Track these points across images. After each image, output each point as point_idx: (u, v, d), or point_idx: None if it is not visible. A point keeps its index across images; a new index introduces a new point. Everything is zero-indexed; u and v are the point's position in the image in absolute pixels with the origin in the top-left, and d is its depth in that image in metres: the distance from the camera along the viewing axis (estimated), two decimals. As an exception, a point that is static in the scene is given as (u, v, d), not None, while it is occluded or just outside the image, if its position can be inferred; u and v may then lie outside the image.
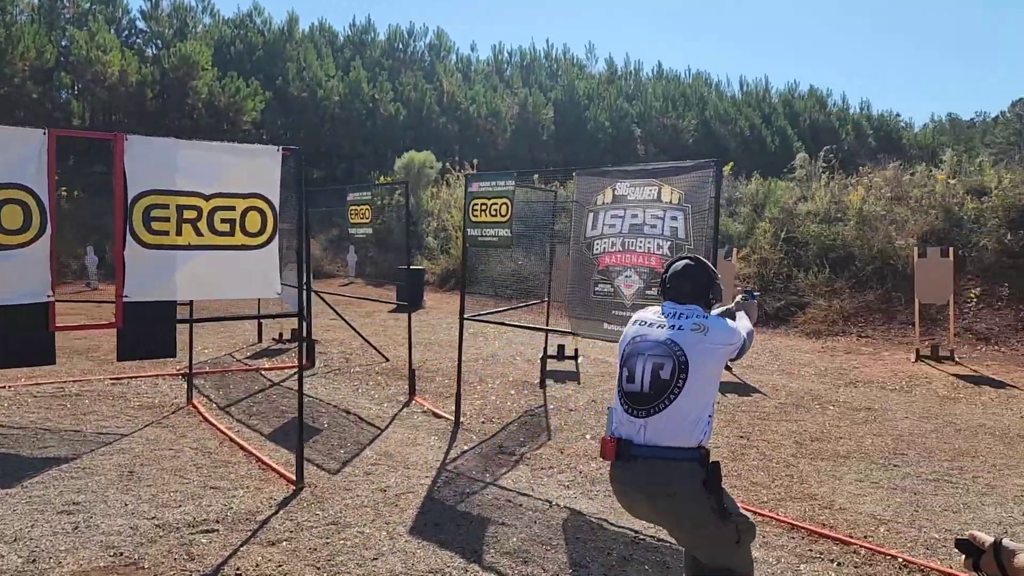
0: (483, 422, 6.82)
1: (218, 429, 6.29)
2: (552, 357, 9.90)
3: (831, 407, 7.58)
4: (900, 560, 4.00)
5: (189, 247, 4.41)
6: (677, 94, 40.57)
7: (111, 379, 8.16)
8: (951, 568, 3.92)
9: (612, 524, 4.48)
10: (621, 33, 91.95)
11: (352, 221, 8.28)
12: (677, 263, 3.09)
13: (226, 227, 4.53)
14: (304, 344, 9.69)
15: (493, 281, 12.48)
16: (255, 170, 4.61)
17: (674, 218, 4.92)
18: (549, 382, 8.52)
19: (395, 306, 16.53)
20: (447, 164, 26.17)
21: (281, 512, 4.53)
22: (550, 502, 4.84)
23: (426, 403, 7.43)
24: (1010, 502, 4.94)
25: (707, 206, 4.81)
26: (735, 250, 10.01)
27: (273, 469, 5.32)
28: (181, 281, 4.41)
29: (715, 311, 3.09)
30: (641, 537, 4.29)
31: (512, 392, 8.07)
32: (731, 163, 18.53)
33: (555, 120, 35.70)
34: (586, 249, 5.45)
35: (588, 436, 6.38)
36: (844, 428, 6.76)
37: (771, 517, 4.59)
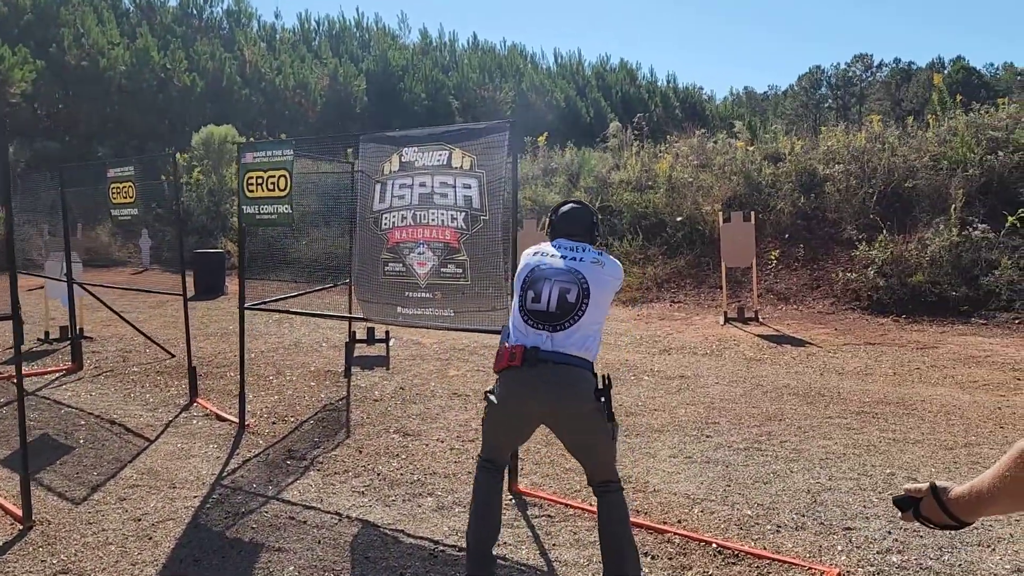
0: (273, 422, 6.06)
1: (-63, 458, 5.16)
2: (360, 342, 9.21)
3: (646, 377, 7.44)
4: (714, 546, 3.73)
5: None
6: (493, 66, 40.41)
7: None
8: (764, 550, 3.70)
9: (408, 536, 3.94)
10: (434, 3, 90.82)
11: (114, 201, 7.14)
12: (565, 205, 3.59)
13: None
14: (71, 343, 8.44)
15: (292, 264, 11.55)
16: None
17: (467, 186, 4.39)
18: (355, 370, 7.85)
19: (193, 294, 15.22)
20: (252, 139, 24.47)
21: (-6, 564, 3.62)
22: (340, 515, 4.22)
23: (209, 405, 6.55)
24: (816, 466, 4.87)
25: (503, 173, 4.31)
26: (541, 220, 9.73)
27: (-2, 505, 4.34)
28: None
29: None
30: (440, 549, 3.77)
31: (312, 384, 7.34)
32: (545, 133, 18.42)
33: (368, 92, 34.44)
34: (373, 225, 4.82)
35: (392, 430, 5.80)
36: (659, 399, 6.60)
37: (581, 509, 4.22)
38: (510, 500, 4.37)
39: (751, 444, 5.33)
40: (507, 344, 3.21)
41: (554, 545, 3.80)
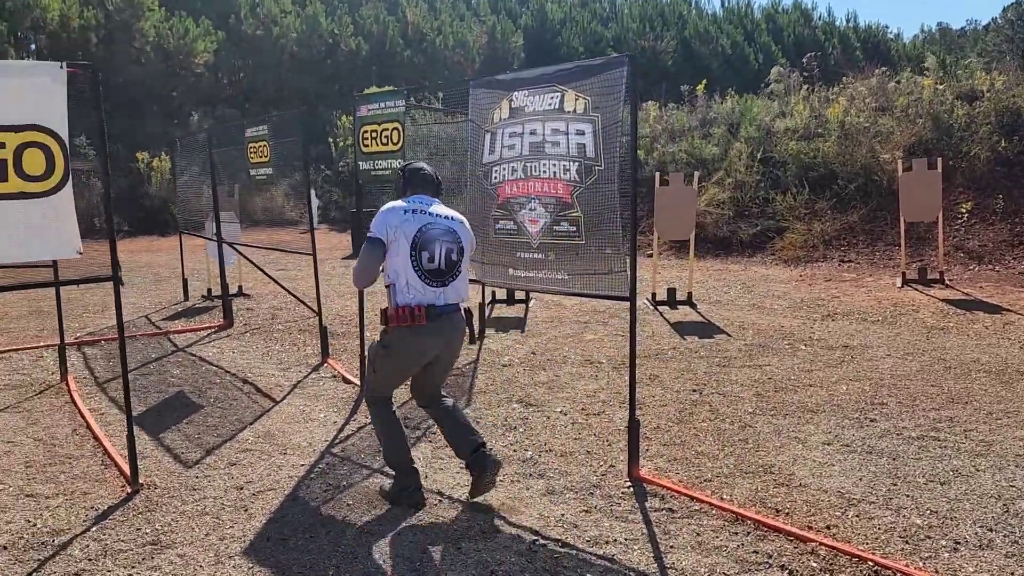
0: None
1: (79, 413, 5.34)
2: (500, 302, 8.95)
3: (802, 347, 6.64)
4: (871, 564, 3.07)
5: (-60, 199, 3.37)
6: (655, 14, 38.69)
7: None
8: (936, 571, 3.00)
9: (509, 524, 3.55)
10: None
11: (251, 160, 7.17)
12: (413, 163, 4.00)
13: (-7, 171, 3.47)
14: (222, 302, 8.72)
15: None
16: (29, 95, 3.52)
17: (580, 132, 3.87)
18: (490, 332, 7.56)
19: (351, 253, 15.62)
20: (414, 99, 24.76)
21: (94, 529, 3.59)
22: (442, 494, 3.91)
23: (338, 366, 6.46)
24: (1011, 465, 4.02)
25: (620, 116, 3.75)
26: (695, 174, 8.95)
27: (116, 465, 4.37)
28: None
29: None
30: (540, 543, 3.36)
31: (444, 347, 7.11)
32: (704, 81, 17.27)
33: (526, 48, 33.97)
34: (483, 179, 4.40)
35: (514, 399, 5.44)
36: (815, 373, 5.83)
37: (711, 504, 3.66)
38: (628, 487, 3.89)
39: (926, 432, 4.52)
40: (402, 304, 3.61)
41: (672, 548, 3.28)
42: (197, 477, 4.20)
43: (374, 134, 5.16)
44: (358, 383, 5.84)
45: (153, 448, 4.66)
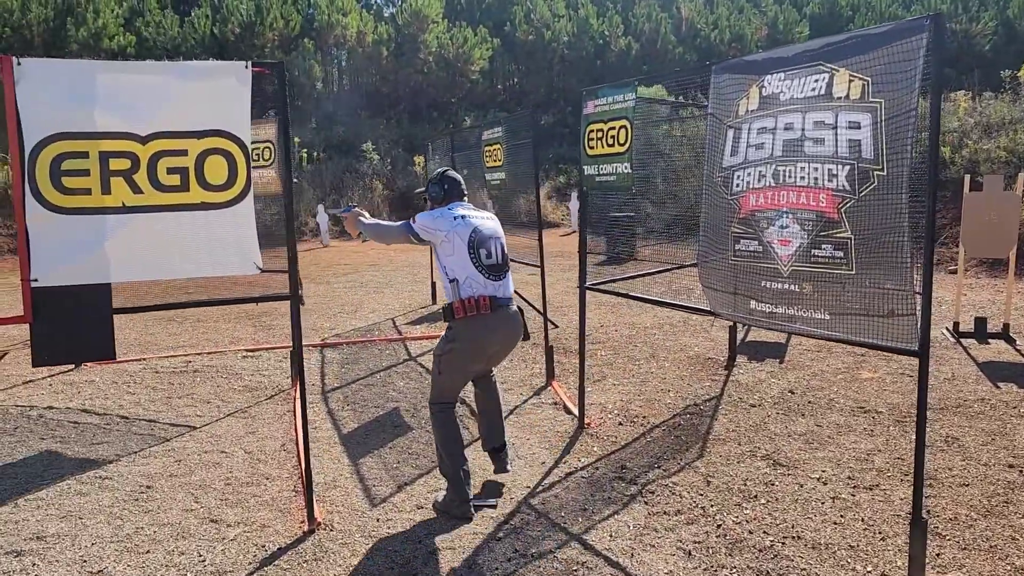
0: (620, 423, 5.11)
1: (294, 425, 5.23)
2: (757, 324, 7.81)
3: None
4: None
5: (123, 209, 3.21)
6: (970, -7, 33.85)
7: (246, 351, 7.50)
8: None
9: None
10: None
11: (486, 165, 6.79)
12: (448, 171, 4.22)
13: (175, 179, 3.26)
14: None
15: (647, 233, 10.39)
16: (214, 97, 3.28)
17: (853, 125, 2.86)
18: (742, 360, 6.54)
19: (603, 260, 15.08)
20: (680, 98, 23.70)
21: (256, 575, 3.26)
22: (648, 585, 3.11)
23: (561, 392, 5.85)
24: None
25: (914, 102, 2.69)
26: (1020, 176, 7.12)
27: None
28: (115, 256, 3.22)
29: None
30: None
31: (684, 374, 6.23)
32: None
33: (811, 38, 31.31)
34: (722, 186, 3.51)
35: (759, 454, 4.46)
36: None
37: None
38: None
39: None
40: (468, 296, 3.81)
41: None
42: (378, 520, 3.76)
43: (599, 134, 4.46)
44: (576, 413, 5.17)
45: (348, 475, 4.35)
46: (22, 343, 7.81)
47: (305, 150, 24.35)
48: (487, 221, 4.01)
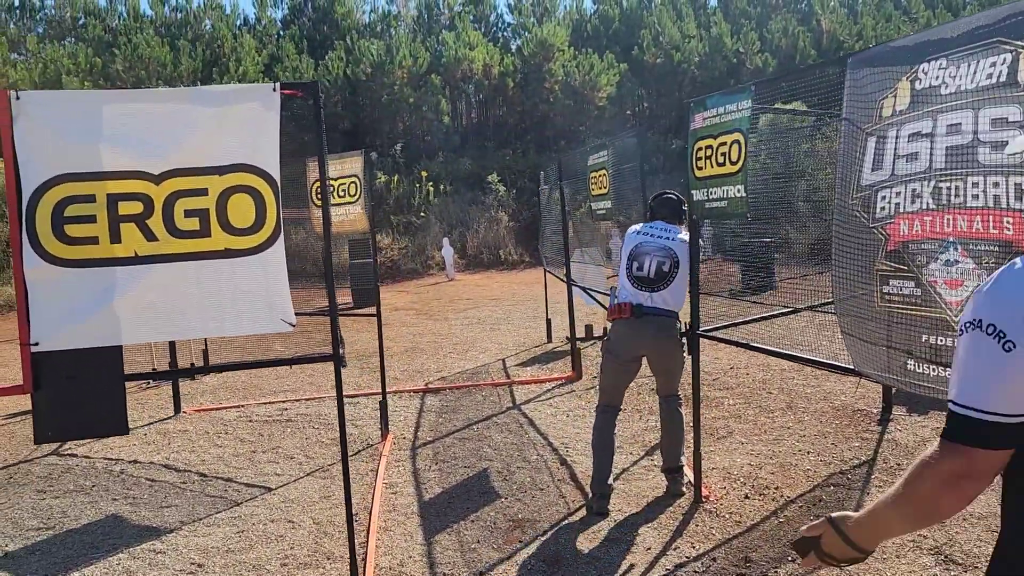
0: (746, 495, 4.27)
1: (372, 489, 4.72)
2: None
3: None
4: None
5: (135, 260, 2.79)
6: None
7: (345, 396, 7.13)
8: None
9: None
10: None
11: (592, 192, 6.13)
12: (663, 195, 4.62)
13: (194, 223, 2.83)
14: (572, 350, 7.84)
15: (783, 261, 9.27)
16: (237, 126, 2.83)
17: (1053, 120, 2.03)
18: (899, 412, 5.52)
19: (739, 288, 13.98)
20: (819, 117, 22.14)
21: None
22: None
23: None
24: None
25: None
26: None
27: (366, 578, 3.54)
28: (126, 315, 2.81)
29: None
30: None
31: (829, 429, 5.29)
32: None
33: (970, 42, 28.77)
34: (862, 210, 2.70)
35: (925, 546, 3.53)
36: None
37: None
38: None
39: None
40: (618, 302, 4.31)
41: None
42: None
43: (708, 151, 3.72)
44: (692, 481, 4.37)
45: (417, 558, 3.76)
46: (138, 387, 7.81)
47: (431, 184, 24.51)
48: (657, 240, 4.34)
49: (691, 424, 4.40)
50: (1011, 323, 1.19)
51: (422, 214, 23.58)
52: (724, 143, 3.60)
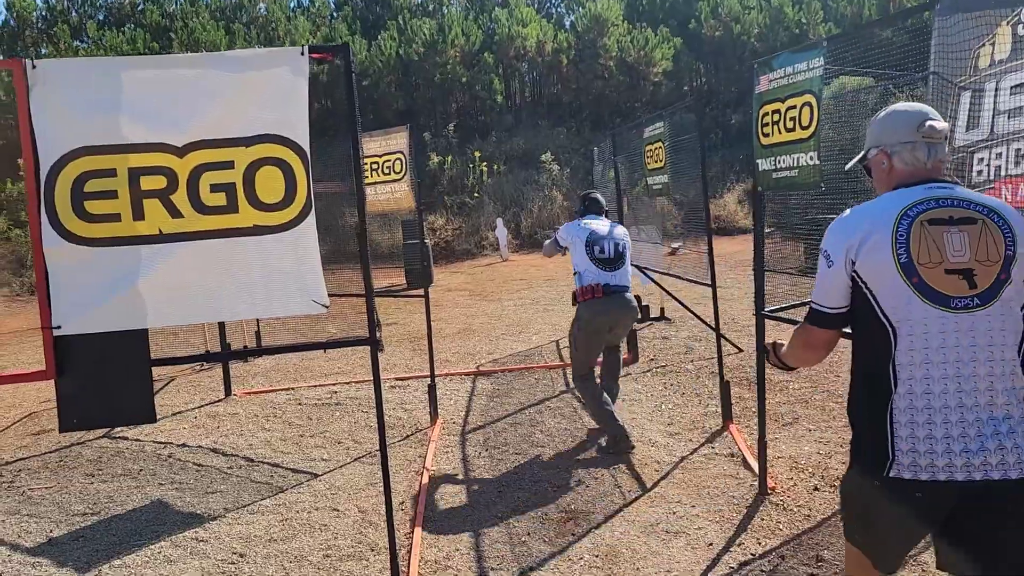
0: (815, 487, 3.99)
1: (419, 479, 4.56)
2: None
3: None
4: None
5: (160, 238, 2.65)
6: None
7: (395, 379, 7.03)
8: None
9: None
10: None
11: (648, 166, 5.84)
12: (592, 193, 5.40)
13: (220, 198, 2.67)
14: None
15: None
16: (264, 94, 2.65)
17: None
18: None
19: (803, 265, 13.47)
20: (889, 87, 21.23)
21: None
22: None
23: (740, 438, 4.79)
24: None
25: None
26: None
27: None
28: (151, 296, 2.67)
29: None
30: None
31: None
32: None
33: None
34: (955, 175, 2.39)
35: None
36: None
37: None
38: None
39: None
40: (586, 284, 4.85)
41: None
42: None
43: (776, 116, 3.43)
44: (757, 471, 4.10)
45: (464, 551, 3.59)
46: (191, 369, 7.83)
47: (484, 163, 24.32)
48: (604, 228, 5.02)
49: (755, 411, 4.12)
50: (833, 249, 1.94)
51: (476, 194, 23.42)
52: (794, 106, 3.31)
